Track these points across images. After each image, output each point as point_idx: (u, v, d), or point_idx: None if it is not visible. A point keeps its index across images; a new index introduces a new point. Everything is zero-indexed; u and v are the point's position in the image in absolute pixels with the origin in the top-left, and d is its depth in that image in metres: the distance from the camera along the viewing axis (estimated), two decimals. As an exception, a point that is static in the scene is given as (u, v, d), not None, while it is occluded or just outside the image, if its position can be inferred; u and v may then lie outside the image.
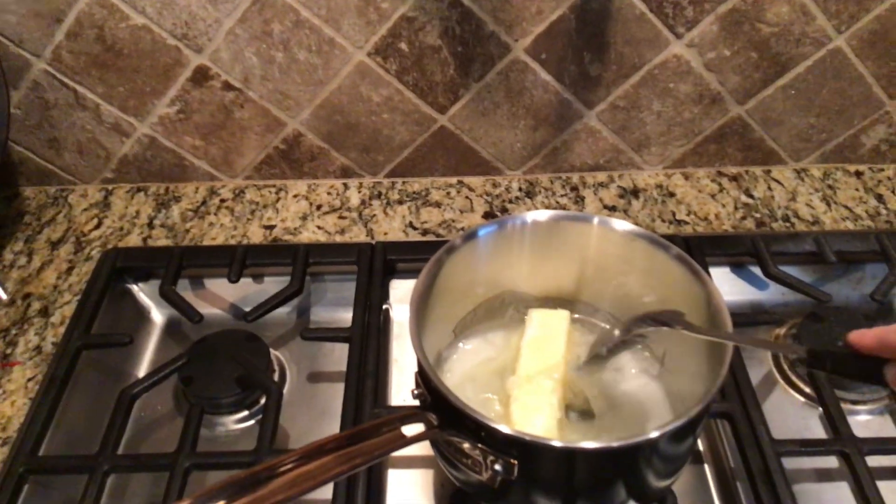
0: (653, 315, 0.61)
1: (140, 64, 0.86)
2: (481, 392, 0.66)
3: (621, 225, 0.64)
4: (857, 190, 0.96)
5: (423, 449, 0.59)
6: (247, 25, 0.83)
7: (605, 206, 0.95)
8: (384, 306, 0.83)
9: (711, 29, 0.85)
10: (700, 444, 0.73)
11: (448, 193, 0.97)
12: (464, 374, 0.68)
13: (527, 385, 0.62)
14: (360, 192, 0.97)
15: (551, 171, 0.99)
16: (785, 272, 0.81)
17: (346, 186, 0.98)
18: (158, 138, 0.93)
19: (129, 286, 0.86)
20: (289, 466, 0.48)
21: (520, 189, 0.98)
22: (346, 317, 0.78)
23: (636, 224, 0.89)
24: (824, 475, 0.70)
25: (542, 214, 0.64)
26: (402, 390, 0.78)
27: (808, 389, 0.76)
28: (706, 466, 0.71)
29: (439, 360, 0.68)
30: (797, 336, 0.77)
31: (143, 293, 0.86)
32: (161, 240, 0.90)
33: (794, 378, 0.77)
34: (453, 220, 0.93)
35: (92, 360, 0.76)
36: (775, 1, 0.83)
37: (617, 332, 0.65)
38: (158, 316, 0.86)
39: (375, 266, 0.83)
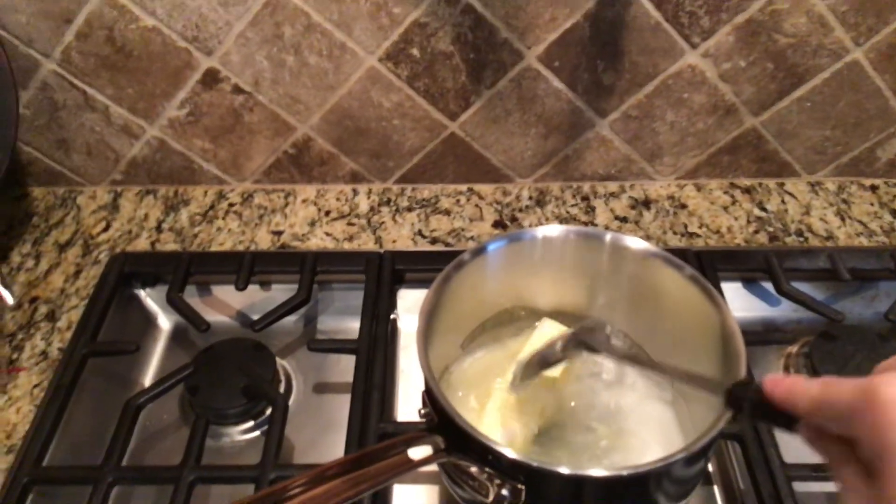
0: (585, 337, 0.59)
1: (150, 66, 0.86)
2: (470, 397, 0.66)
3: (635, 243, 0.63)
4: (871, 205, 0.95)
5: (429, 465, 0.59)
6: (258, 29, 0.83)
7: (617, 217, 0.94)
8: (392, 316, 0.83)
9: (727, 39, 0.83)
10: (710, 466, 0.72)
11: (458, 201, 0.96)
12: (468, 388, 0.67)
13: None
14: (369, 198, 0.97)
15: (562, 179, 0.98)
16: (797, 289, 0.80)
17: (355, 192, 0.98)
18: (168, 141, 0.93)
19: (137, 291, 0.85)
20: (296, 491, 0.48)
21: (530, 198, 0.97)
22: (353, 326, 0.77)
23: (648, 236, 0.90)
24: (836, 500, 0.69)
25: (554, 230, 0.63)
26: (409, 402, 0.77)
27: (820, 410, 0.75)
28: (715, 488, 0.71)
29: (447, 374, 0.67)
30: (809, 355, 0.76)
31: (151, 299, 0.85)
32: (169, 244, 0.90)
33: (805, 397, 0.76)
34: (462, 229, 0.92)
35: (98, 367, 0.76)
36: (793, 12, 0.82)
37: (551, 353, 0.61)
38: (165, 322, 0.86)
39: (383, 276, 0.82)
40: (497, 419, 0.63)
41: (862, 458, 0.35)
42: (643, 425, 0.64)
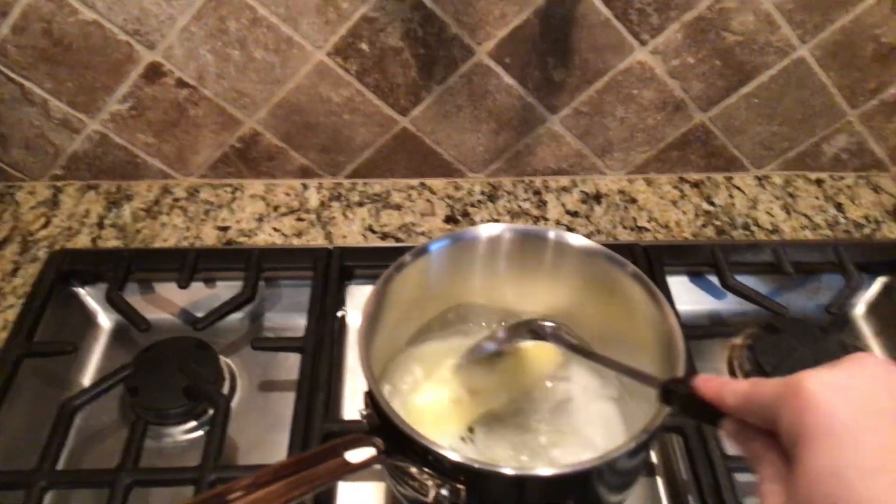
0: (531, 326, 0.61)
1: (90, 59, 0.83)
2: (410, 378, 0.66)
3: (578, 240, 0.63)
4: (816, 198, 0.97)
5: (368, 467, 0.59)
6: (202, 22, 0.81)
7: (568, 212, 0.94)
8: (340, 313, 0.82)
9: (676, 36, 0.84)
10: (654, 457, 0.72)
11: (409, 196, 0.96)
12: (413, 370, 0.67)
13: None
14: (319, 192, 0.96)
15: (514, 174, 0.98)
16: (742, 283, 0.81)
17: (305, 187, 0.96)
18: (110, 135, 0.90)
19: (76, 290, 0.83)
20: (235, 496, 0.47)
21: (482, 192, 0.96)
22: (300, 323, 0.76)
23: (598, 231, 0.90)
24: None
25: (497, 228, 0.63)
26: (356, 400, 0.76)
27: (762, 402, 0.76)
28: (659, 479, 0.71)
29: (389, 374, 0.67)
30: (752, 347, 0.78)
31: (91, 297, 0.83)
32: (111, 240, 0.88)
33: (749, 390, 0.77)
34: (413, 224, 0.92)
35: (35, 368, 0.74)
36: (741, 10, 0.82)
37: (493, 344, 0.63)
38: (106, 321, 0.83)
39: (332, 272, 0.81)
40: (436, 410, 0.62)
41: (780, 448, 0.38)
42: (586, 421, 0.64)
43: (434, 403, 0.63)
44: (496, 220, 0.92)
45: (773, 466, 0.38)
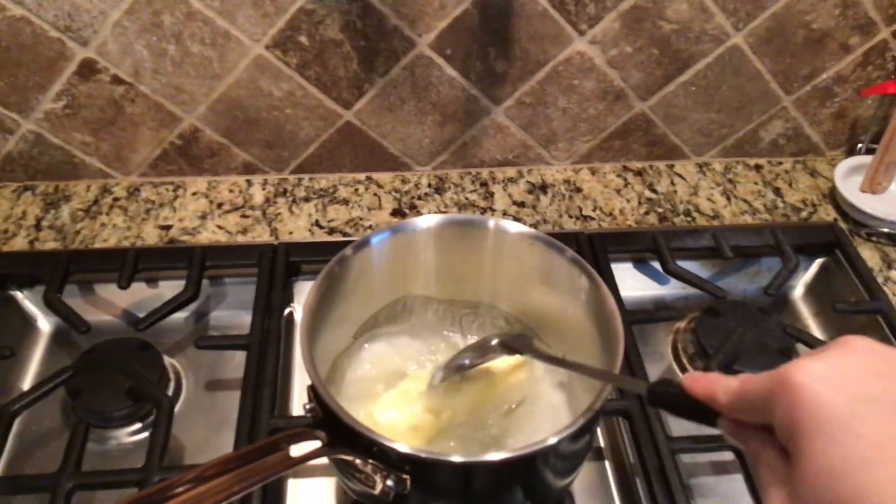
0: (504, 341, 0.60)
1: (21, 57, 0.81)
2: (374, 388, 0.65)
3: (516, 227, 0.63)
4: (756, 184, 0.99)
5: (323, 458, 0.58)
6: (135, 17, 0.79)
7: (515, 202, 0.95)
8: (288, 309, 0.81)
9: (613, 26, 0.85)
10: (601, 441, 0.74)
11: (356, 190, 0.95)
12: (368, 380, 0.67)
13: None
14: (264, 189, 0.95)
15: (461, 166, 0.99)
16: (683, 268, 0.82)
17: (249, 183, 0.95)
18: (45, 135, 0.88)
19: (14, 293, 0.81)
20: (180, 490, 0.47)
21: (429, 185, 0.97)
22: (247, 321, 0.76)
23: (544, 220, 0.91)
24: (721, 468, 0.72)
25: (436, 219, 0.63)
26: (305, 396, 0.76)
27: (705, 383, 0.77)
28: (607, 463, 0.72)
29: (338, 366, 0.66)
30: (695, 330, 0.79)
31: (29, 300, 0.81)
32: (49, 242, 0.86)
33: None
34: (361, 218, 0.91)
35: (-29, 374, 0.72)
36: (675, -1, 0.84)
37: (467, 361, 0.62)
38: (46, 324, 0.81)
39: (277, 268, 0.80)
40: (400, 418, 0.62)
41: (778, 444, 0.37)
42: (534, 409, 0.64)
43: (395, 422, 0.62)
44: (443, 212, 0.93)
45: (773, 463, 0.37)
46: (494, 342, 0.61)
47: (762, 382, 0.37)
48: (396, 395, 0.63)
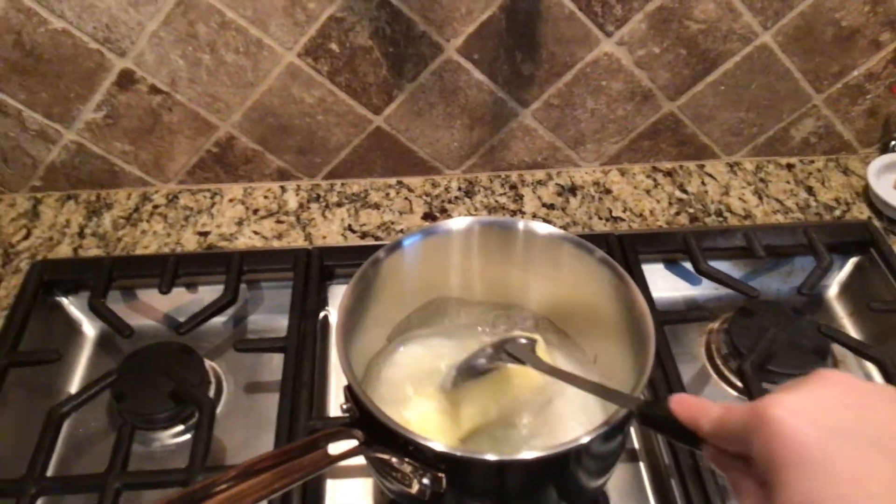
0: (508, 350, 0.60)
1: (62, 69, 0.84)
2: (405, 389, 0.66)
3: (546, 229, 0.64)
4: (787, 182, 0.99)
5: (360, 458, 0.59)
6: (171, 28, 0.81)
7: (544, 205, 0.95)
8: (323, 313, 0.83)
9: (640, 27, 0.85)
10: (636, 443, 0.74)
11: (387, 195, 0.97)
12: (401, 381, 0.68)
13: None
14: (297, 194, 0.96)
15: (490, 169, 1.00)
16: (715, 268, 0.82)
17: (283, 189, 0.97)
18: (86, 144, 0.91)
19: (59, 299, 0.83)
20: (223, 486, 0.48)
21: (459, 188, 0.98)
22: (284, 324, 0.77)
23: (574, 222, 0.92)
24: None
25: (466, 221, 0.64)
26: (341, 397, 0.77)
27: (740, 384, 0.77)
28: (641, 464, 0.73)
29: (373, 368, 0.68)
30: (729, 331, 0.79)
31: (74, 306, 0.84)
32: (92, 249, 0.88)
33: (727, 373, 0.79)
34: (392, 222, 0.93)
35: (21, 377, 0.74)
36: (702, -1, 0.84)
37: (480, 363, 0.62)
38: (90, 329, 0.84)
39: (312, 272, 0.82)
40: (429, 419, 0.63)
41: (757, 474, 0.37)
42: (565, 410, 0.65)
43: (424, 417, 0.63)
44: (473, 215, 0.93)
45: (753, 493, 0.38)
46: (500, 350, 0.61)
47: (742, 414, 0.38)
48: (426, 396, 0.64)
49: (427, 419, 0.63)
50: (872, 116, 0.98)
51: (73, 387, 0.79)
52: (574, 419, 0.64)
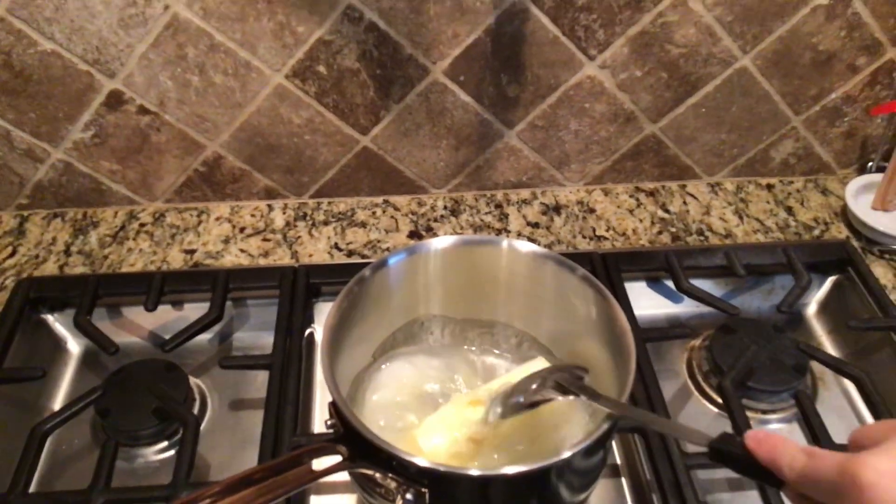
0: (560, 382, 0.58)
1: (51, 89, 0.85)
2: (404, 415, 0.67)
3: (529, 247, 0.65)
4: (767, 203, 1.00)
5: (344, 474, 0.60)
6: (160, 50, 0.82)
7: (529, 223, 0.97)
8: (309, 330, 0.83)
9: (622, 51, 0.87)
10: (618, 458, 0.75)
11: (374, 213, 0.98)
12: (386, 398, 0.68)
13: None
14: (284, 213, 0.97)
15: (476, 188, 1.01)
16: (696, 286, 0.84)
17: (270, 208, 0.98)
18: (74, 163, 0.92)
19: (44, 316, 0.83)
20: (206, 502, 0.48)
21: (445, 207, 0.99)
22: (269, 341, 0.78)
23: (558, 241, 0.93)
24: (736, 485, 0.72)
25: (448, 241, 0.65)
26: (327, 414, 0.77)
27: (720, 400, 0.78)
28: (623, 480, 0.73)
29: (358, 384, 0.68)
30: (710, 348, 0.80)
31: (59, 323, 0.84)
32: (78, 267, 0.89)
33: (707, 389, 0.80)
34: (378, 241, 0.94)
35: (5, 394, 0.75)
36: (682, 23, 0.86)
37: (522, 399, 0.59)
38: (75, 346, 0.84)
39: (298, 290, 0.82)
40: (443, 442, 0.62)
41: None
42: (559, 426, 0.65)
43: (438, 448, 0.61)
44: (458, 234, 0.95)
45: None
46: (550, 383, 0.59)
47: (831, 471, 0.37)
48: (438, 421, 0.63)
49: (441, 445, 0.61)
50: (850, 138, 1.00)
51: (58, 403, 0.79)
52: (570, 436, 0.64)
